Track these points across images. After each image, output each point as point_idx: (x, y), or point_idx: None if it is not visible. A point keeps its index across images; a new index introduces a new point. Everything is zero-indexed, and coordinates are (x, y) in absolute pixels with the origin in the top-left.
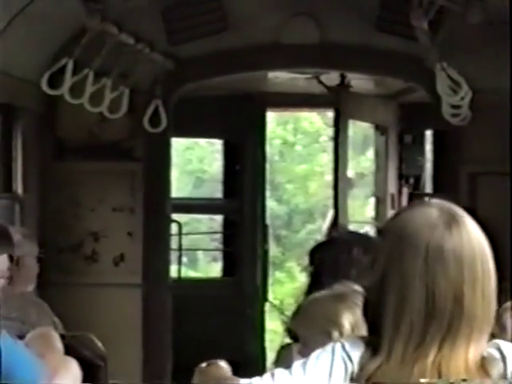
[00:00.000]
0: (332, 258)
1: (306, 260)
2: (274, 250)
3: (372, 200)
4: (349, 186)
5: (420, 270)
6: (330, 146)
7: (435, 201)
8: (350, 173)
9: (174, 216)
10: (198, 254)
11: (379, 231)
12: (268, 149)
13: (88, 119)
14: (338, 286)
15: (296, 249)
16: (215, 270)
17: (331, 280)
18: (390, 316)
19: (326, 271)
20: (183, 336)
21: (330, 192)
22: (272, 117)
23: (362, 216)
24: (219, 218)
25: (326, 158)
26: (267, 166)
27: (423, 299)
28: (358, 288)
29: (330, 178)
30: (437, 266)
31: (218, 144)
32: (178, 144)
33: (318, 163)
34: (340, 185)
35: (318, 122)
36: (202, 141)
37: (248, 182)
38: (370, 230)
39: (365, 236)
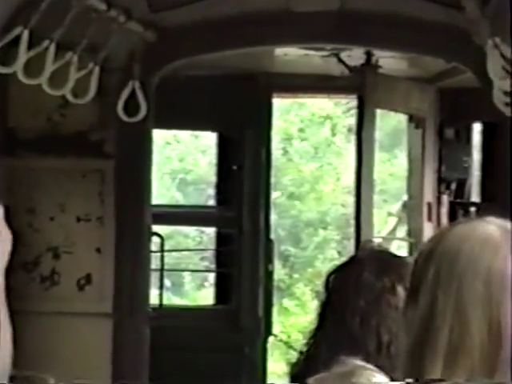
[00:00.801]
0: (344, 284)
1: (319, 284)
2: (279, 271)
3: (403, 210)
4: (374, 192)
5: (482, 297)
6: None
7: (490, 218)
8: (376, 175)
9: (155, 228)
10: (184, 275)
11: (421, 252)
12: (274, 144)
13: (47, 104)
14: (338, 368)
15: (307, 270)
16: (205, 296)
17: (338, 315)
18: (440, 357)
19: (334, 303)
20: (164, 378)
21: (349, 198)
22: (279, 104)
23: (390, 230)
24: (211, 230)
25: (347, 157)
26: (272, 165)
27: (485, 332)
28: (360, 364)
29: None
30: (501, 292)
31: (210, 138)
32: (159, 137)
33: (335, 162)
34: (363, 190)
35: (336, 111)
36: (191, 134)
37: (248, 186)
38: (397, 246)
39: (397, 257)
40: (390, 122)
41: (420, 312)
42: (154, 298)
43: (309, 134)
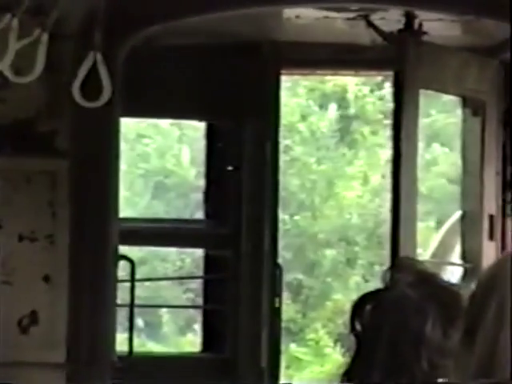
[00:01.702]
0: (381, 322)
1: (341, 324)
2: (289, 307)
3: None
4: (417, 200)
5: None
6: (386, 132)
7: None
8: (420, 178)
9: (123, 250)
10: (162, 313)
11: (479, 282)
12: (282, 135)
13: None
14: None
15: (325, 305)
16: (191, 340)
17: (387, 362)
18: None
19: (376, 345)
20: None
21: (380, 208)
22: (290, 84)
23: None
24: (197, 253)
25: (379, 152)
26: (280, 165)
27: None
28: None
29: (379, 183)
30: None
31: (195, 129)
32: (130, 128)
33: (362, 159)
34: (403, 197)
35: (365, 92)
36: (171, 123)
37: (247, 193)
38: (451, 271)
39: (450, 285)
40: (438, 107)
41: (478, 356)
42: (121, 344)
43: (328, 123)
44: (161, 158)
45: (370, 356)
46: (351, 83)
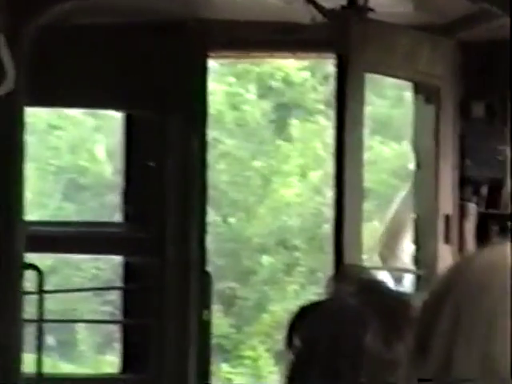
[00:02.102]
0: (325, 336)
1: (280, 340)
2: (221, 321)
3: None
4: (363, 199)
5: None
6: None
7: None
8: (366, 173)
9: (30, 257)
10: (76, 329)
11: (432, 291)
12: (210, 127)
13: None
14: None
15: (263, 318)
16: (109, 360)
17: (325, 378)
18: None
19: (313, 364)
20: None
21: (323, 207)
22: (218, 68)
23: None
24: (115, 260)
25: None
26: (209, 160)
27: None
28: None
29: (320, 179)
30: None
31: (114, 120)
32: (38, 119)
33: (300, 154)
34: (347, 195)
35: (305, 76)
36: (85, 113)
37: (172, 193)
38: (399, 278)
39: (391, 299)
40: (386, 93)
41: (428, 372)
42: (29, 364)
43: (261, 112)
44: (73, 154)
45: (306, 373)
46: (290, 68)
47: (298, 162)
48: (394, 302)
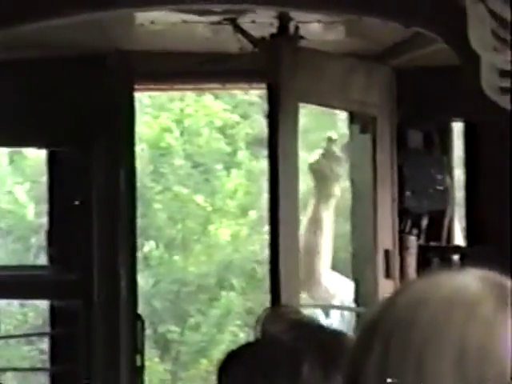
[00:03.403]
0: (258, 377)
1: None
2: (157, 366)
3: (346, 260)
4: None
5: (451, 382)
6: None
7: (473, 269)
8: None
9: None
10: (4, 379)
11: (362, 326)
12: (140, 162)
13: None
14: None
15: (201, 363)
16: None
17: None
18: None
19: None
20: None
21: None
22: (146, 100)
23: (325, 293)
24: (42, 305)
25: (255, 182)
26: (139, 195)
27: None
28: None
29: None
30: (482, 373)
31: (37, 157)
32: None
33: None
34: (282, 231)
35: (233, 109)
36: (5, 152)
37: (99, 231)
38: (335, 317)
39: (324, 332)
40: (319, 126)
41: None
42: None
43: (191, 146)
44: None
45: None
46: (220, 100)
47: (238, 201)
48: (327, 336)
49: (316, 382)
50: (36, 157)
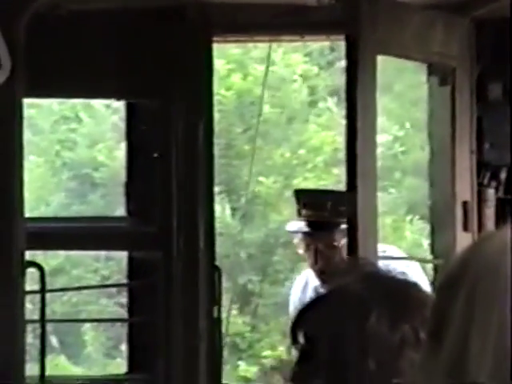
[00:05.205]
0: (330, 331)
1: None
2: (235, 320)
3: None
4: (376, 185)
5: None
6: (338, 109)
7: None
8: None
9: (30, 255)
10: (82, 329)
11: (445, 276)
12: (217, 112)
13: None
14: None
15: (282, 314)
16: (114, 362)
17: (332, 367)
18: None
19: (318, 357)
20: None
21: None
22: (223, 53)
23: (403, 244)
24: (120, 256)
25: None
26: (215, 148)
27: None
28: None
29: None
30: None
31: (111, 110)
32: (51, 112)
33: (310, 140)
34: (361, 182)
35: (313, 60)
36: (81, 103)
37: (177, 185)
38: (415, 268)
39: (416, 287)
40: (399, 76)
41: (444, 360)
42: (31, 367)
43: (271, 98)
44: (72, 148)
45: (312, 366)
46: (299, 52)
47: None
48: (397, 286)
49: (383, 330)
50: (115, 107)
